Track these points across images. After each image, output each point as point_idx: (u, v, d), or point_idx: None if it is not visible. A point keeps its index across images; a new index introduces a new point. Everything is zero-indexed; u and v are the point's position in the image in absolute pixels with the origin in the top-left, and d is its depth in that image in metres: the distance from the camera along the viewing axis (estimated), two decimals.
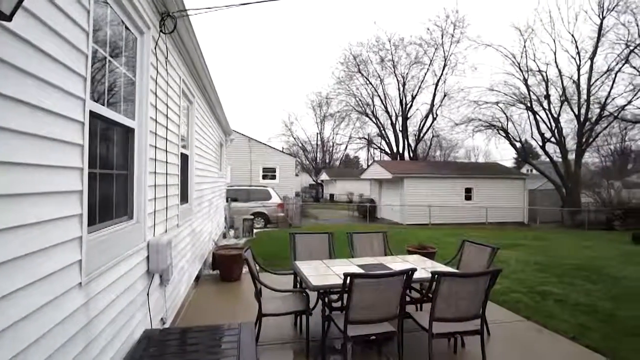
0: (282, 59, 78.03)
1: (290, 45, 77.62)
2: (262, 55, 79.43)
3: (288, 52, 78.59)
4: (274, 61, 78.56)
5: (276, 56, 79.08)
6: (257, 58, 79.98)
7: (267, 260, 7.65)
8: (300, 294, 3.76)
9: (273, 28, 77.04)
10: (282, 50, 77.65)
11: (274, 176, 21.87)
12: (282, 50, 77.65)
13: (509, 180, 20.15)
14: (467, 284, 3.01)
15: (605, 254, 9.34)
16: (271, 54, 79.08)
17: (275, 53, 78.17)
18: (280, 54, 79.03)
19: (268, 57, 79.82)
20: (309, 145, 45.86)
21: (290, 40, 76.58)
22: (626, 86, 20.91)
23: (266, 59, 79.44)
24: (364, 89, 33.07)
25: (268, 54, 79.28)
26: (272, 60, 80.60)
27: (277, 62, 78.33)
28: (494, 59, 40.45)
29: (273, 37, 77.21)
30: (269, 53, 78.86)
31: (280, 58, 78.75)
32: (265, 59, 79.02)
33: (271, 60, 79.32)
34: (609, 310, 4.85)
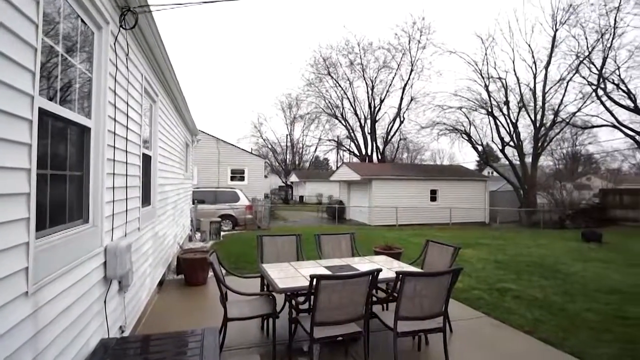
0: (252, 59, 77.16)
1: (259, 45, 76.92)
2: (231, 55, 78.16)
3: (257, 52, 77.81)
4: (243, 61, 77.63)
5: (245, 56, 78.11)
6: (225, 58, 78.63)
7: (235, 263, 7.53)
8: (267, 297, 3.72)
9: (242, 28, 76.06)
10: (251, 50, 76.77)
11: (242, 178, 21.56)
12: (251, 50, 76.77)
13: (471, 182, 20.98)
14: (430, 283, 3.10)
15: (558, 251, 9.93)
16: (240, 54, 78.02)
17: (244, 53, 77.23)
18: (250, 55, 78.11)
19: (237, 58, 78.72)
20: (278, 147, 45.62)
21: (259, 40, 75.89)
22: (576, 94, 22.43)
23: (235, 59, 78.30)
24: (333, 92, 33.34)
25: (237, 54, 78.18)
26: (241, 61, 79.55)
27: (246, 62, 77.37)
28: (458, 65, 42.21)
29: (242, 37, 76.15)
30: (238, 53, 77.74)
31: (250, 58, 77.85)
32: (234, 59, 77.83)
33: (240, 60, 78.21)
34: (560, 304, 5.16)
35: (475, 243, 11.31)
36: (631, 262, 8.33)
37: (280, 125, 77.93)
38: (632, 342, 3.90)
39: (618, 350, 3.72)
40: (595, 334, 4.13)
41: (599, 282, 6.41)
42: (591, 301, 5.30)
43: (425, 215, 19.39)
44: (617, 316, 4.68)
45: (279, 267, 4.06)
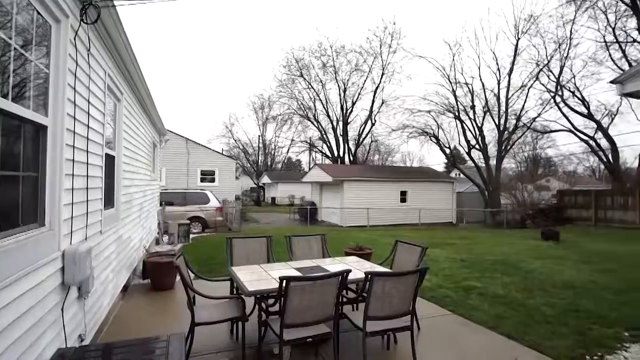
0: (223, 58, 75.99)
1: (231, 45, 75.84)
2: (202, 54, 76.52)
3: (229, 52, 76.72)
4: (214, 61, 76.20)
5: (217, 56, 76.74)
6: (196, 57, 76.96)
7: (204, 266, 7.37)
8: (236, 300, 3.67)
9: (212, 26, 74.73)
10: (223, 49, 75.59)
11: (213, 179, 21.14)
12: (223, 49, 75.59)
13: (439, 184, 21.61)
14: (398, 283, 3.16)
15: (519, 250, 10.41)
16: (211, 54, 76.54)
17: (215, 52, 75.89)
18: (221, 54, 76.88)
19: (208, 57, 77.15)
20: (250, 148, 45.06)
21: (231, 39, 74.70)
22: (537, 101, 23.72)
23: (206, 58, 76.73)
24: (306, 93, 33.40)
25: (208, 53, 76.62)
26: (212, 60, 78.09)
27: (217, 62, 75.96)
28: (427, 70, 43.32)
29: (213, 35, 74.84)
30: (209, 52, 76.23)
31: (221, 58, 76.60)
32: (205, 59, 76.32)
33: (211, 59, 76.72)
34: (520, 300, 5.40)
35: (443, 243, 11.65)
36: (584, 259, 8.86)
37: (252, 125, 77.32)
38: (583, 334, 4.14)
39: (572, 341, 3.94)
40: (551, 327, 4.36)
41: (556, 278, 6.77)
42: (548, 296, 5.59)
43: (396, 216, 19.78)
44: (571, 310, 4.96)
45: (249, 269, 4.01)
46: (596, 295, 5.73)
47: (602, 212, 18.64)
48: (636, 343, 3.94)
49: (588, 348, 3.80)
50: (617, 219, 17.97)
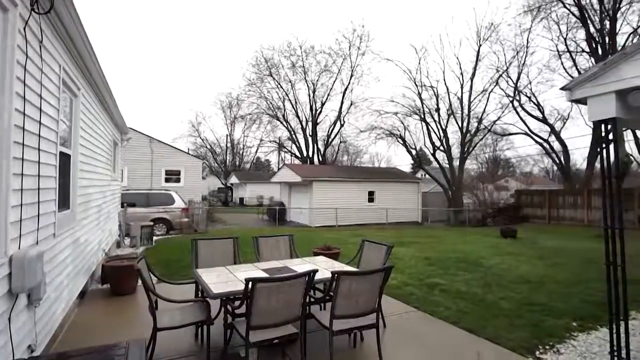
0: (190, 56, 73.95)
1: (199, 42, 73.94)
2: (168, 51, 74.07)
3: (196, 49, 74.78)
4: (181, 58, 73.88)
5: (183, 53, 74.49)
6: (161, 54, 74.34)
7: (168, 269, 7.15)
8: (201, 304, 3.58)
9: (179, 23, 72.54)
10: (190, 47, 73.54)
11: (178, 179, 20.52)
12: (190, 47, 73.54)
13: (406, 184, 22.16)
14: (364, 281, 3.21)
15: (480, 247, 10.87)
16: (178, 50, 74.22)
17: (182, 49, 73.68)
18: (188, 51, 74.77)
19: (174, 53, 74.76)
20: (218, 147, 44.18)
21: (199, 37, 72.89)
22: (497, 105, 24.90)
23: (172, 55, 74.36)
24: (275, 93, 33.20)
25: (174, 50, 74.28)
26: (179, 57, 75.75)
27: (184, 59, 73.80)
28: (394, 72, 44.42)
29: (180, 32, 72.64)
30: (175, 49, 73.91)
31: (188, 55, 74.50)
32: (170, 55, 73.89)
33: (177, 56, 74.43)
34: (480, 295, 5.65)
35: (409, 241, 11.96)
36: (538, 255, 9.40)
37: (220, 125, 75.68)
38: (537, 326, 4.40)
39: (527, 333, 4.17)
40: (509, 320, 4.59)
41: (513, 274, 7.13)
42: (506, 291, 5.88)
43: (364, 215, 20.07)
44: (526, 303, 5.25)
45: (214, 271, 3.93)
46: (548, 288, 6.09)
47: (555, 210, 19.85)
48: (583, 332, 4.23)
49: (541, 338, 4.04)
50: (568, 217, 19.19)
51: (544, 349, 3.79)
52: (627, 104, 2.98)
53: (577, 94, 3.27)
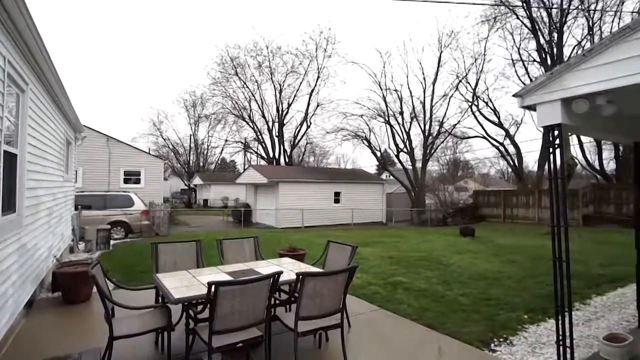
0: (151, 53, 71.12)
1: (161, 39, 71.31)
2: (127, 47, 70.81)
3: (158, 46, 72.06)
4: (141, 55, 70.93)
5: (144, 49, 71.54)
6: (120, 50, 70.94)
7: (127, 274, 6.86)
8: (161, 309, 3.47)
9: (139, 18, 69.61)
10: (151, 43, 70.72)
11: (138, 180, 19.69)
12: (151, 43, 70.72)
13: (371, 185, 22.58)
14: (329, 282, 3.24)
15: (441, 246, 11.29)
16: (138, 47, 71.16)
17: (142, 46, 70.71)
18: (149, 48, 71.88)
19: (134, 50, 71.58)
20: (181, 148, 42.77)
21: (161, 33, 70.33)
22: (457, 109, 25.94)
23: (132, 51, 71.16)
24: (241, 92, 32.63)
25: (134, 47, 71.13)
26: (139, 54, 72.63)
27: (144, 56, 70.85)
28: (360, 75, 45.08)
29: (140, 28, 69.70)
30: (135, 45, 70.78)
31: (149, 52, 71.60)
32: (130, 52, 70.67)
33: (137, 53, 71.31)
34: (441, 292, 5.87)
35: (373, 241, 12.19)
36: (494, 252, 9.90)
37: (183, 124, 73.14)
38: (492, 319, 4.64)
39: (483, 327, 4.39)
40: (467, 315, 4.80)
41: (471, 271, 7.47)
42: (464, 287, 6.15)
43: (330, 216, 20.22)
44: (483, 298, 5.52)
45: (176, 276, 3.82)
46: (503, 284, 6.44)
47: (510, 210, 21.00)
48: (533, 324, 4.51)
49: (495, 331, 4.26)
50: (521, 216, 20.37)
51: (498, 342, 4.01)
52: (571, 111, 3.22)
53: (527, 101, 3.48)
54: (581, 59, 3.06)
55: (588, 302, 5.42)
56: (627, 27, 2.78)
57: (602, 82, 2.91)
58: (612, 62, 2.85)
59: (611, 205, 18.27)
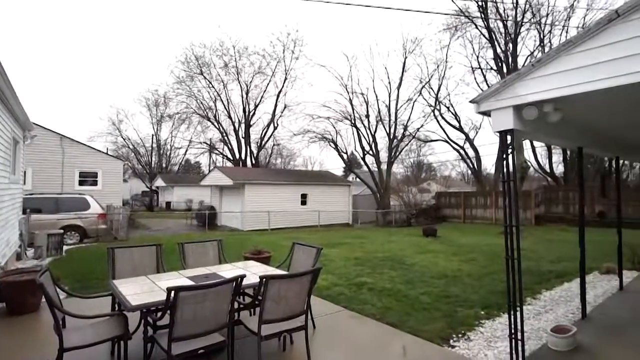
0: (110, 48, 67.83)
1: (121, 34, 68.18)
2: (84, 42, 67.12)
3: (118, 42, 68.85)
4: (99, 50, 67.44)
5: (102, 45, 68.09)
6: (76, 45, 67.07)
7: (81, 282, 6.51)
8: (117, 317, 3.31)
9: (97, 12, 66.25)
10: (110, 39, 67.46)
11: (95, 182, 18.69)
12: (110, 39, 67.46)
13: (337, 187, 22.79)
14: (293, 284, 3.24)
15: (405, 246, 11.59)
16: (96, 42, 67.62)
17: (101, 41, 67.31)
18: (108, 43, 68.53)
19: (91, 45, 67.96)
20: (142, 148, 41.08)
21: (121, 29, 67.21)
22: (420, 113, 26.79)
23: (89, 46, 67.50)
24: (206, 92, 31.85)
25: (91, 41, 67.55)
26: (97, 49, 69.05)
27: (103, 51, 67.43)
28: (327, 78, 45.52)
29: (98, 22, 66.30)
30: (93, 40, 67.23)
31: (108, 48, 68.28)
32: (87, 47, 67.02)
33: (95, 48, 67.76)
34: (404, 291, 6.03)
35: (339, 243, 12.31)
36: (454, 252, 10.31)
37: (145, 124, 70.28)
38: (451, 316, 4.83)
39: (442, 323, 4.55)
40: (428, 313, 4.96)
41: (432, 270, 7.73)
42: (426, 286, 6.35)
43: (296, 218, 20.18)
44: (443, 296, 5.73)
45: (134, 281, 3.66)
46: (462, 281, 6.71)
47: (469, 210, 21.93)
48: (489, 319, 4.74)
49: (454, 328, 4.44)
50: (480, 216, 21.33)
51: (457, 337, 4.17)
52: (522, 117, 3.42)
53: (482, 107, 3.66)
54: (530, 69, 3.26)
55: (539, 296, 5.76)
56: (570, 41, 3.00)
57: (548, 91, 3.12)
58: (557, 73, 3.06)
59: (560, 206, 19.56)
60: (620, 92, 2.92)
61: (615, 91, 2.85)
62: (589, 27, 2.90)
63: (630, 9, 2.62)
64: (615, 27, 2.72)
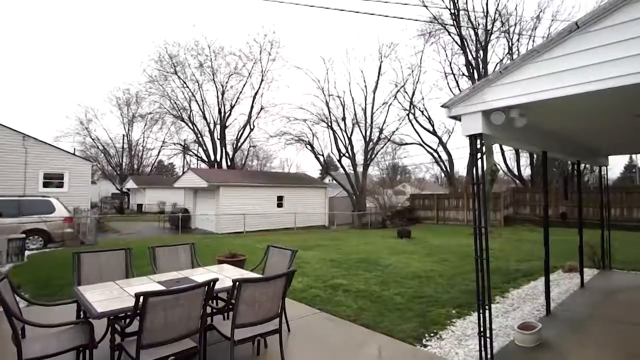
0: (79, 44, 65.27)
1: (90, 30, 65.72)
2: (50, 37, 64.22)
3: (87, 37, 66.32)
4: (67, 46, 64.74)
5: (70, 40, 65.41)
6: (42, 40, 64.08)
7: (44, 289, 6.22)
8: (82, 325, 3.18)
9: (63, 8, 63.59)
10: (78, 34, 64.90)
11: (61, 184, 17.87)
12: (78, 34, 64.90)
13: (314, 189, 22.81)
14: (267, 287, 3.21)
15: (379, 247, 11.74)
16: (63, 37, 64.85)
17: (69, 37, 64.64)
18: (76, 39, 65.91)
19: (58, 40, 65.14)
20: (112, 149, 39.70)
21: (90, 24, 64.79)
22: (395, 116, 27.28)
23: (55, 42, 64.65)
24: (180, 92, 31.18)
25: (58, 37, 64.75)
26: (64, 45, 66.25)
27: (70, 47, 64.79)
28: (304, 80, 45.62)
29: (67, 19, 63.63)
30: (60, 35, 64.46)
31: (76, 43, 65.65)
32: (54, 43, 64.19)
33: (62, 44, 64.98)
34: (378, 292, 6.09)
35: (315, 245, 12.32)
36: (427, 252, 10.53)
37: (115, 123, 67.52)
38: (424, 316, 4.92)
39: (415, 323, 4.63)
40: (401, 313, 5.04)
41: (406, 270, 7.86)
42: (400, 287, 6.45)
43: (273, 220, 20.04)
44: (416, 296, 5.83)
45: (101, 288, 3.53)
46: (435, 282, 6.86)
47: (442, 212, 22.46)
48: (460, 318, 4.87)
49: (427, 327, 4.52)
50: (452, 218, 21.89)
51: (429, 337, 4.26)
52: (490, 122, 3.55)
53: (453, 112, 3.77)
54: (498, 76, 3.39)
55: (507, 295, 5.97)
56: (535, 50, 3.14)
57: (514, 97, 3.25)
58: (522, 80, 3.19)
59: (527, 207, 20.36)
60: (579, 100, 3.09)
61: (575, 99, 3.00)
62: (551, 37, 3.05)
63: (589, 21, 2.77)
64: (575, 37, 2.88)
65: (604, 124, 4.56)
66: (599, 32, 2.74)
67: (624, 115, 4.05)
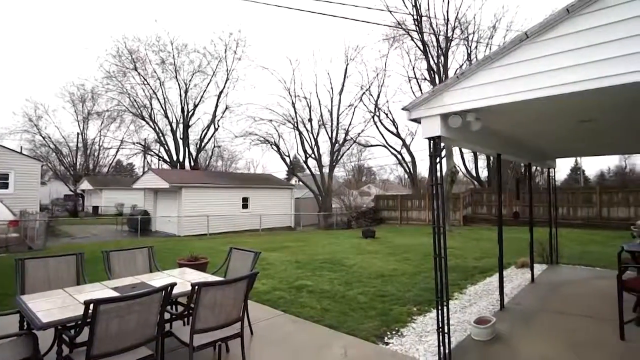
0: (27, 36, 60.77)
1: (40, 20, 61.44)
2: None
3: (37, 28, 61.94)
4: (15, 38, 60.09)
5: (18, 32, 60.79)
6: None
7: None
8: (25, 337, 2.95)
9: None
10: (27, 25, 60.46)
11: (6, 185, 16.63)
12: (27, 25, 60.46)
13: (279, 190, 22.68)
14: (228, 291, 3.14)
15: (345, 248, 11.85)
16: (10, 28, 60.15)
17: (16, 27, 60.01)
18: (25, 30, 61.36)
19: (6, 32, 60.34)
20: (65, 148, 37.29)
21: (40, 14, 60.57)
22: (361, 119, 27.71)
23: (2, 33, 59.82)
24: (140, 89, 29.91)
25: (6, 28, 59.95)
26: (11, 36, 61.46)
27: (18, 38, 60.20)
28: (270, 81, 45.21)
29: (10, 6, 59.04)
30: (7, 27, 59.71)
31: (24, 35, 61.09)
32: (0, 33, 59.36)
33: (9, 35, 60.26)
34: (342, 292, 6.14)
35: (281, 246, 12.24)
36: (390, 252, 10.76)
37: (69, 121, 63.50)
38: (386, 314, 5.02)
39: (378, 322, 4.71)
40: (364, 312, 5.11)
41: (370, 270, 7.99)
42: (363, 286, 6.54)
43: (237, 222, 19.71)
44: (379, 295, 5.94)
45: (47, 296, 3.30)
46: (397, 280, 7.02)
47: (405, 212, 23.08)
48: (420, 315, 5.01)
49: (389, 325, 4.62)
50: (415, 218, 22.54)
51: (391, 335, 4.35)
52: (448, 125, 3.68)
53: (413, 115, 3.88)
54: (455, 81, 3.53)
55: (465, 291, 6.22)
56: (489, 57, 3.29)
57: (470, 102, 3.39)
58: (477, 86, 3.34)
59: (484, 207, 21.36)
60: (528, 105, 3.27)
61: (524, 104, 3.18)
62: (504, 46, 3.21)
63: (538, 31, 2.95)
64: (525, 46, 3.05)
65: (552, 128, 4.87)
66: (546, 42, 2.92)
67: (569, 122, 4.35)
